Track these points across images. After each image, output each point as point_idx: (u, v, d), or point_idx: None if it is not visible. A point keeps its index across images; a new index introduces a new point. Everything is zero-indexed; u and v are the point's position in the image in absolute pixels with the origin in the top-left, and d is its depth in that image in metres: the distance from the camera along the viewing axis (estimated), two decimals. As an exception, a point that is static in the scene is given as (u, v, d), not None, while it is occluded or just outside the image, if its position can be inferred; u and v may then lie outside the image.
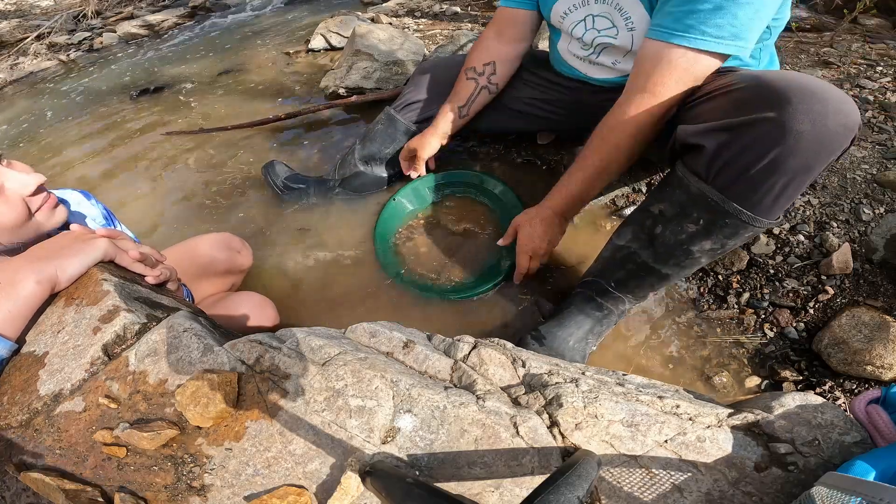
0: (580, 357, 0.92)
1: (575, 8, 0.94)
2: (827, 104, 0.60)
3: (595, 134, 0.87)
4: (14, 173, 0.63)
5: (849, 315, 0.89)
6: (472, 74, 1.15)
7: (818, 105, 0.60)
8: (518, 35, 1.12)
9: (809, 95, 0.60)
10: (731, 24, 0.69)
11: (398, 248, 1.22)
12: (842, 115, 0.60)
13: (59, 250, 0.59)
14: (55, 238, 0.62)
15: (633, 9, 0.85)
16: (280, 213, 1.35)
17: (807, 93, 0.60)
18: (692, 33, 0.71)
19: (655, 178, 1.25)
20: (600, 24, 0.93)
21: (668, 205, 0.78)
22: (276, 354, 0.55)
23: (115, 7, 3.50)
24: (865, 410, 0.50)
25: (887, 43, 1.74)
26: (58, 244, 0.60)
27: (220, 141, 1.72)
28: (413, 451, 0.49)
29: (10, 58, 2.82)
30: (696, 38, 0.72)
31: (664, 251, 0.80)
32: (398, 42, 1.87)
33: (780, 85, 0.62)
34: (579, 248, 1.15)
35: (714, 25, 0.70)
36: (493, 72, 1.14)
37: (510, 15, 1.09)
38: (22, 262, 0.56)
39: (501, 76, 1.15)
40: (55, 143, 1.88)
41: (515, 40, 1.13)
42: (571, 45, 1.03)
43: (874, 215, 1.04)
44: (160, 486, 0.49)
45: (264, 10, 3.25)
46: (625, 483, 0.49)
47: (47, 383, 0.52)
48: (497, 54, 1.13)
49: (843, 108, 0.60)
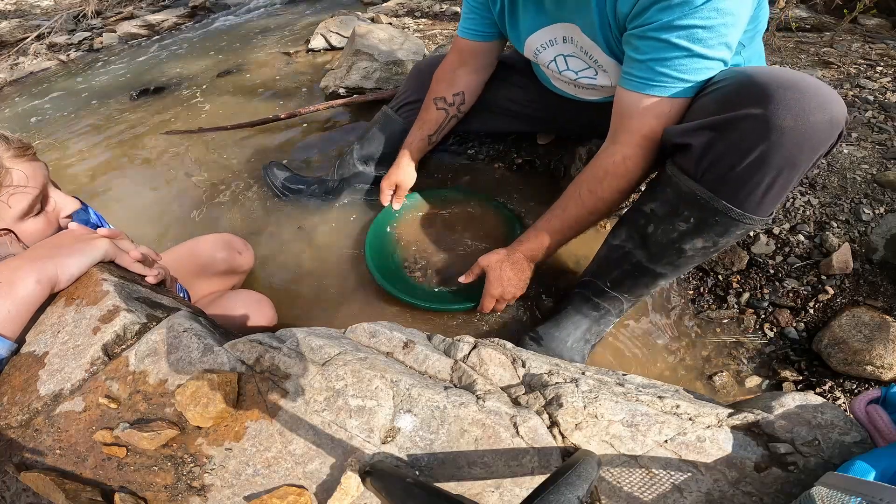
0: (579, 357, 0.92)
1: (546, 47, 0.92)
2: (810, 99, 0.60)
3: (580, 182, 0.85)
4: (60, 194, 0.71)
5: (849, 315, 0.89)
6: (441, 105, 1.14)
7: (801, 100, 0.60)
8: (481, 65, 1.11)
9: (792, 91, 0.60)
10: (702, 65, 0.69)
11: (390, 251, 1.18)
12: (826, 110, 0.60)
13: (59, 249, 0.59)
14: (55, 237, 0.62)
15: (596, 53, 0.83)
16: (279, 212, 1.35)
17: (789, 88, 0.60)
18: (666, 82, 0.72)
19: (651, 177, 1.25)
20: (575, 65, 0.91)
21: (659, 204, 0.78)
22: (276, 354, 0.55)
23: (115, 7, 3.50)
24: (865, 410, 0.50)
25: (887, 43, 1.74)
26: (58, 243, 0.60)
27: (220, 141, 1.71)
28: (413, 451, 0.49)
29: (10, 58, 2.82)
30: (670, 86, 0.72)
31: (657, 250, 0.80)
32: (398, 42, 1.87)
33: (763, 81, 0.62)
34: (578, 248, 1.15)
35: (687, 71, 0.70)
36: (463, 101, 1.14)
37: (470, 47, 1.07)
38: (21, 261, 0.56)
39: (469, 103, 1.16)
40: (55, 143, 1.88)
41: (480, 70, 1.12)
42: (553, 73, 1.01)
43: (874, 215, 1.04)
44: (160, 486, 0.49)
45: (264, 10, 3.25)
46: (625, 483, 0.49)
47: (47, 383, 0.52)
48: (465, 84, 1.12)
49: (826, 102, 0.60)
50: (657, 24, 0.67)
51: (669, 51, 0.69)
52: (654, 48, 0.70)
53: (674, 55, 0.69)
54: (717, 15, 0.64)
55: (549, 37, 0.89)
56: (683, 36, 0.67)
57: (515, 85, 1.17)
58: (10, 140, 0.64)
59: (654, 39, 0.69)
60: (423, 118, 1.17)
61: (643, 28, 0.69)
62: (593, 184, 0.83)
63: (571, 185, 0.88)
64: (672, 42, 0.68)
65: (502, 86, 1.17)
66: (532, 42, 0.93)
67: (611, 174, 0.81)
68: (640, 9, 0.68)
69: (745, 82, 0.65)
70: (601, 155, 0.83)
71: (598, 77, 0.90)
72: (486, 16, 0.99)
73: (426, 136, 1.17)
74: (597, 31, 0.78)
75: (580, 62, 0.89)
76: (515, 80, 1.17)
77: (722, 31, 0.66)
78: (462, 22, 1.05)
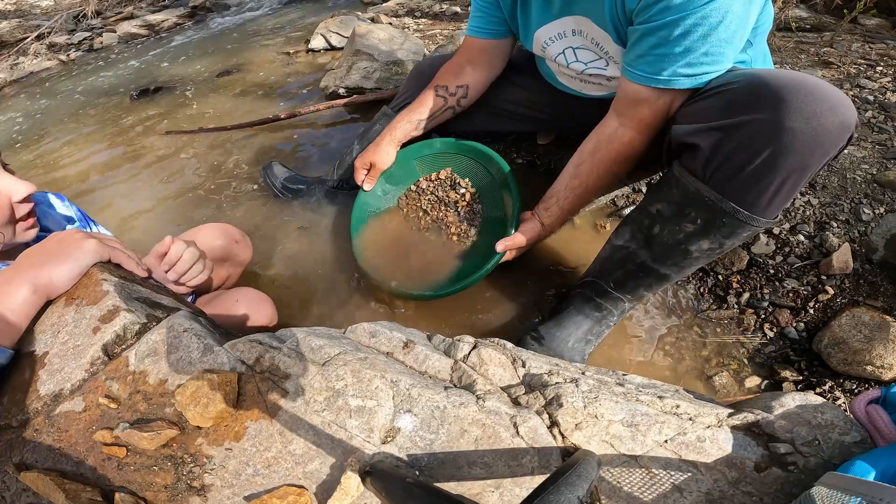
0: (579, 357, 0.92)
1: (554, 40, 0.92)
2: (822, 102, 0.60)
3: (597, 162, 0.88)
4: (9, 177, 0.65)
5: (849, 315, 0.89)
6: (442, 92, 1.11)
7: (813, 103, 0.60)
8: (490, 63, 1.10)
9: (804, 94, 0.60)
10: (703, 60, 0.70)
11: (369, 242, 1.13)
12: (837, 113, 0.60)
13: (50, 257, 0.58)
14: (42, 243, 0.61)
15: (607, 43, 0.84)
16: (279, 212, 1.35)
17: (802, 91, 0.60)
18: (667, 76, 0.73)
19: (655, 177, 1.25)
20: (584, 56, 0.92)
21: (665, 204, 0.78)
22: (276, 354, 0.55)
23: (115, 7, 3.50)
24: (865, 410, 0.50)
25: (887, 43, 1.74)
26: (47, 250, 0.59)
27: (220, 141, 1.71)
28: (413, 451, 0.49)
29: (10, 58, 2.82)
30: (671, 79, 0.73)
31: (662, 251, 0.80)
32: (398, 42, 1.87)
33: (775, 84, 0.62)
34: (579, 248, 1.15)
35: (687, 65, 0.71)
36: (465, 95, 1.12)
37: (479, 45, 1.05)
38: (14, 272, 0.55)
39: (470, 100, 1.14)
40: (55, 144, 1.88)
41: (488, 68, 1.11)
42: (560, 68, 1.01)
43: (874, 215, 1.04)
44: (160, 486, 0.49)
45: (264, 10, 3.25)
46: (625, 483, 0.49)
47: (47, 383, 0.52)
48: (472, 79, 1.11)
49: (838, 106, 0.60)
50: (660, 21, 0.68)
51: (671, 47, 0.69)
52: (656, 45, 0.70)
53: (675, 52, 0.70)
54: (719, 14, 0.64)
55: (559, 30, 0.89)
56: (684, 34, 0.67)
57: (518, 86, 1.17)
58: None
59: (656, 36, 0.70)
60: (417, 102, 1.12)
61: (647, 24, 0.70)
62: (611, 164, 0.87)
63: (585, 163, 0.90)
64: (673, 40, 0.68)
65: (504, 87, 1.17)
66: (540, 35, 0.93)
67: (624, 155, 0.86)
68: (645, 5, 0.69)
69: (755, 84, 0.64)
70: (611, 137, 0.86)
71: (608, 68, 0.91)
72: (495, 14, 0.99)
73: (416, 119, 1.11)
74: (608, 23, 0.79)
75: (590, 53, 0.90)
76: (518, 80, 1.17)
77: (723, 29, 0.66)
78: (470, 21, 1.05)
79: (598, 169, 0.88)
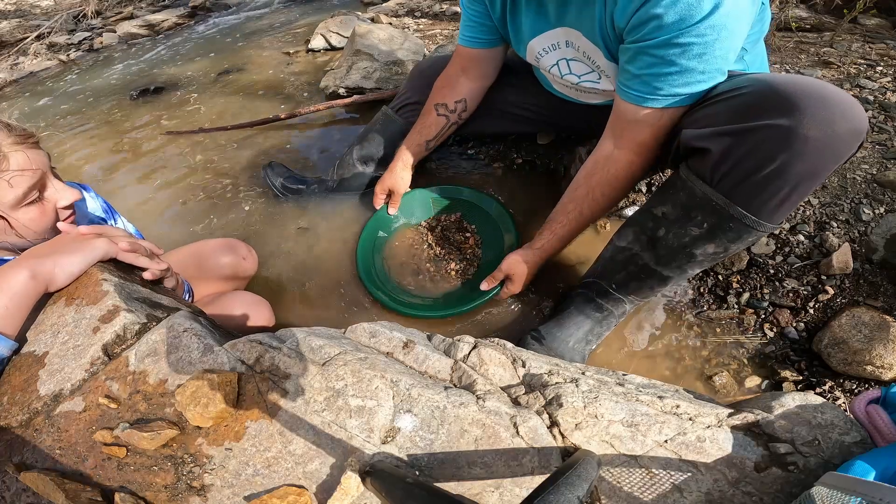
0: (580, 358, 0.92)
1: (548, 50, 0.92)
2: (835, 109, 0.59)
3: (592, 185, 0.88)
4: (59, 183, 0.69)
5: (849, 315, 0.89)
6: (443, 111, 1.14)
7: (826, 110, 0.59)
8: (483, 72, 1.11)
9: (819, 101, 0.60)
10: (699, 78, 0.70)
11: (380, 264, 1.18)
12: (850, 120, 0.59)
13: (58, 249, 0.59)
14: (55, 239, 0.63)
15: (598, 58, 0.83)
16: (279, 213, 1.35)
17: (816, 98, 0.60)
18: (662, 96, 0.72)
19: (656, 178, 1.25)
20: (578, 69, 0.91)
21: (671, 207, 0.77)
22: (276, 354, 0.55)
23: (115, 7, 3.50)
24: (865, 410, 0.50)
25: (887, 43, 1.74)
26: (57, 243, 0.61)
27: (220, 141, 1.71)
28: (413, 451, 0.49)
29: (10, 58, 2.82)
30: (666, 98, 0.73)
31: (666, 253, 0.80)
32: (398, 42, 1.87)
33: (788, 90, 0.62)
34: (580, 248, 1.15)
35: (684, 84, 0.70)
36: (465, 108, 1.14)
37: (471, 55, 1.06)
38: (19, 259, 0.57)
39: (470, 111, 1.16)
40: (55, 144, 1.88)
41: (482, 77, 1.12)
42: (555, 78, 1.01)
43: (874, 215, 1.04)
44: (160, 486, 0.49)
45: (264, 10, 3.25)
46: (625, 483, 0.49)
47: (47, 383, 0.52)
48: (467, 91, 1.12)
49: (851, 113, 0.60)
50: (653, 41, 0.67)
51: (666, 67, 0.69)
52: (651, 64, 0.70)
53: (669, 71, 0.69)
54: (713, 32, 0.64)
55: (552, 41, 0.89)
56: (679, 53, 0.67)
57: (516, 87, 1.17)
58: (12, 128, 0.64)
59: (650, 56, 0.69)
60: (422, 123, 1.17)
61: (640, 44, 0.69)
62: (606, 188, 0.87)
63: (581, 188, 0.89)
64: (668, 59, 0.68)
65: (503, 89, 1.17)
66: (534, 46, 0.93)
67: (621, 178, 0.85)
68: (636, 23, 0.68)
69: (768, 90, 0.64)
70: (608, 159, 0.85)
71: (601, 81, 0.90)
72: (486, 23, 0.99)
73: (424, 141, 1.17)
74: (598, 38, 0.78)
75: (583, 66, 0.89)
76: (516, 82, 1.17)
77: (718, 46, 0.66)
78: (462, 30, 1.04)
79: (593, 193, 0.88)
